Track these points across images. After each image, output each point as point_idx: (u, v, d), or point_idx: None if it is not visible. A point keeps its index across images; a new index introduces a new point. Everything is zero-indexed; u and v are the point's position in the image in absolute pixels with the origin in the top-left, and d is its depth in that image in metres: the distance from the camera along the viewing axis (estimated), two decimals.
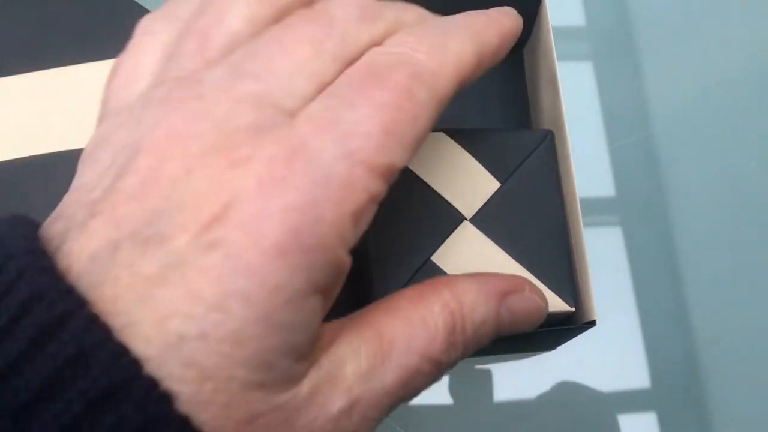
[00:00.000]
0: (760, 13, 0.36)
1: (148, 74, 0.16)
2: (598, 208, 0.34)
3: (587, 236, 0.24)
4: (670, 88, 0.36)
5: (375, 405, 0.15)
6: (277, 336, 0.13)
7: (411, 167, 0.23)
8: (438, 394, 0.31)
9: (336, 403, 0.14)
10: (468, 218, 0.23)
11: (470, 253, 0.22)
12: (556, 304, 0.22)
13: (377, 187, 0.14)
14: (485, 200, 0.23)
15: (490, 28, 0.17)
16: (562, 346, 0.30)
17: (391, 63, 0.15)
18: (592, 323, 0.22)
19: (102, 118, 0.16)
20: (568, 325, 0.23)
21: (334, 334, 0.15)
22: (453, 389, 0.31)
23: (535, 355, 0.31)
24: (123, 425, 0.12)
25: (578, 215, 0.23)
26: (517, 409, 0.31)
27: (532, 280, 0.21)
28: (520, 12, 0.27)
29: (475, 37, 0.17)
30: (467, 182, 0.23)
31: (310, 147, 0.14)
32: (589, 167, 0.34)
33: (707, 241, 0.33)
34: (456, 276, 0.18)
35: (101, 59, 0.32)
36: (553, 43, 0.26)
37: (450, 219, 0.23)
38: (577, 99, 0.35)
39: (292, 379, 0.14)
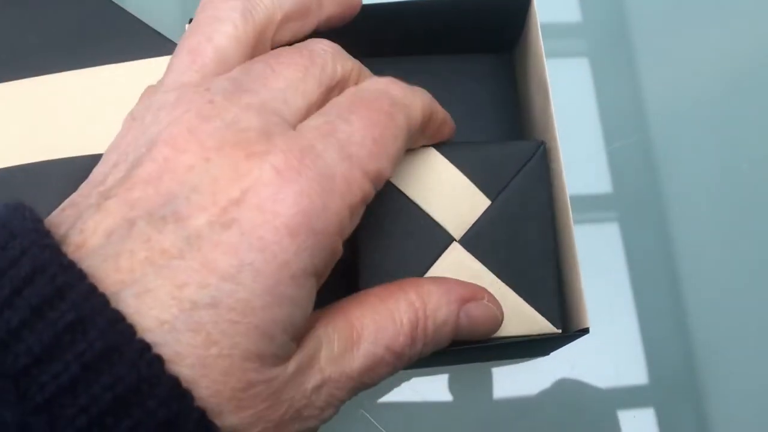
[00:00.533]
0: (756, 13, 0.36)
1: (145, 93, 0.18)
2: (595, 208, 0.34)
3: (584, 237, 0.23)
4: (666, 89, 0.36)
5: (341, 386, 0.17)
6: (280, 309, 0.15)
7: (400, 186, 0.23)
8: (438, 392, 0.31)
9: (310, 381, 0.16)
10: (457, 239, 0.23)
11: (459, 275, 0.22)
12: (543, 326, 0.22)
13: (369, 188, 0.17)
14: (475, 219, 0.23)
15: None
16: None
17: (373, 94, 0.18)
18: (585, 331, 0.22)
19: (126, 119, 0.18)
20: (561, 334, 0.23)
21: (314, 321, 0.17)
22: (452, 387, 0.31)
23: (529, 360, 0.31)
24: (118, 384, 0.13)
25: (570, 223, 0.23)
26: (517, 408, 0.31)
27: (520, 302, 0.22)
28: (509, 13, 0.27)
29: (425, 94, 0.20)
30: (457, 200, 0.23)
31: (316, 148, 0.16)
32: (585, 168, 0.34)
33: (704, 241, 0.33)
34: (422, 279, 0.20)
35: (90, 66, 0.31)
36: (542, 45, 0.25)
37: (439, 240, 0.23)
38: (573, 100, 0.35)
39: (284, 356, 0.15)
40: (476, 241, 0.22)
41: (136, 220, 0.14)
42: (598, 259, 0.33)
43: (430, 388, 0.31)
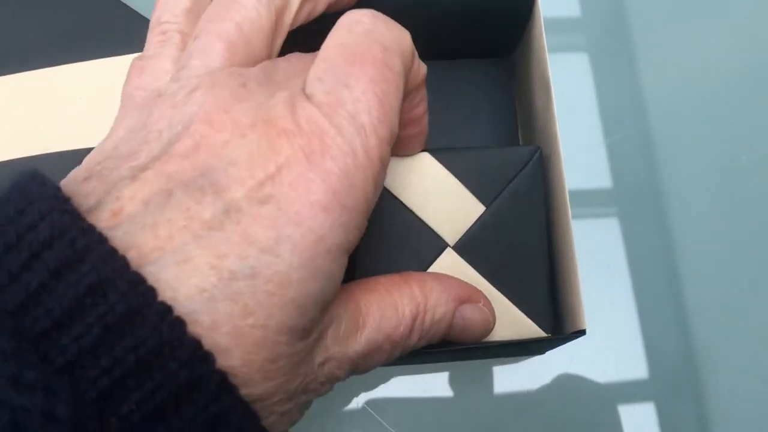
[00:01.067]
0: (755, 7, 0.36)
1: (168, 72, 0.19)
2: (593, 202, 0.34)
3: (583, 231, 0.23)
4: (665, 82, 0.35)
5: (341, 366, 0.18)
6: (315, 283, 0.15)
7: (395, 192, 0.23)
8: (439, 387, 0.31)
9: (318, 356, 0.17)
10: (451, 245, 0.23)
11: None
12: (533, 330, 0.22)
13: (386, 152, 0.17)
14: (469, 225, 0.23)
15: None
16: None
17: (363, 43, 0.17)
18: (582, 332, 0.22)
19: (129, 108, 0.18)
20: (557, 335, 0.23)
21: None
22: (454, 383, 0.32)
23: (526, 358, 0.31)
24: (140, 347, 0.13)
25: (569, 224, 0.23)
26: (517, 403, 0.31)
27: (511, 307, 0.22)
28: (510, 16, 0.27)
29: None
30: (451, 206, 0.23)
31: (334, 124, 0.16)
32: (584, 161, 0.34)
33: (703, 235, 0.33)
34: (425, 274, 0.21)
35: (91, 59, 0.31)
36: (546, 45, 0.25)
37: (433, 246, 0.23)
38: (571, 93, 0.35)
39: (311, 330, 0.16)
40: (470, 247, 0.23)
41: (173, 190, 0.15)
42: (596, 254, 0.33)
43: (432, 383, 0.31)
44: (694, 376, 0.31)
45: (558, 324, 0.24)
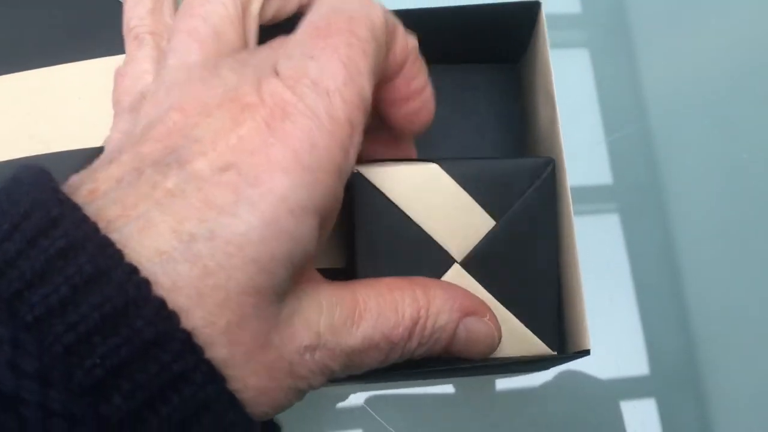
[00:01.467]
0: (756, 4, 0.36)
1: (148, 72, 0.20)
2: (595, 199, 0.34)
3: (584, 229, 0.23)
4: (666, 79, 0.35)
5: (335, 358, 0.17)
6: (278, 244, 0.15)
7: (401, 206, 0.22)
8: (440, 386, 0.32)
9: (305, 338, 0.17)
10: (458, 261, 0.22)
11: None
12: (540, 348, 0.22)
13: (355, 116, 0.17)
14: (477, 241, 0.22)
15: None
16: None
17: (327, 18, 0.18)
18: (586, 352, 0.22)
19: (119, 114, 0.20)
20: (560, 354, 0.23)
21: (320, 285, 0.18)
22: (454, 380, 0.32)
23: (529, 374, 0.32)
24: (105, 304, 0.13)
25: (574, 242, 0.23)
26: (519, 400, 0.31)
27: (518, 325, 0.22)
28: (516, 25, 0.27)
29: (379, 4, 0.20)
30: (460, 221, 0.22)
31: (297, 93, 0.16)
32: (585, 159, 0.34)
33: (705, 232, 0.33)
34: (431, 280, 0.20)
35: (89, 59, 0.31)
36: (550, 58, 0.25)
37: (440, 262, 0.22)
38: (572, 91, 0.35)
39: (281, 295, 0.16)
40: (478, 263, 0.22)
41: (144, 169, 0.15)
42: (598, 251, 0.33)
43: (431, 382, 0.31)
44: (695, 372, 0.31)
45: (562, 342, 0.23)
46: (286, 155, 0.15)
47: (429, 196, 0.22)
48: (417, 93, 0.21)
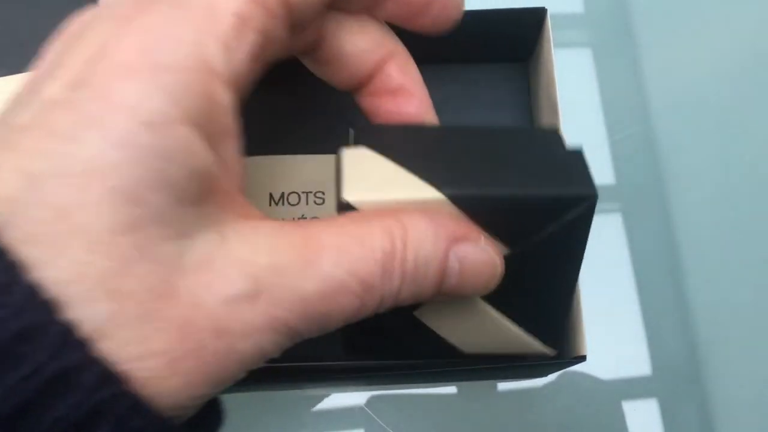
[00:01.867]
0: (758, 4, 0.36)
1: None
2: (599, 199, 0.34)
3: None
4: (669, 80, 0.35)
5: (287, 306, 0.14)
6: (140, 164, 0.12)
7: None
8: (439, 387, 0.31)
9: (236, 284, 0.13)
10: None
11: (453, 308, 0.19)
12: (538, 347, 0.20)
13: (248, 9, 0.14)
14: None
15: None
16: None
17: None
18: (582, 358, 0.22)
19: None
20: (558, 360, 0.22)
21: (258, 221, 0.14)
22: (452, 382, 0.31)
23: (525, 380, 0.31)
24: None
25: None
26: (519, 400, 0.31)
27: (516, 329, 0.19)
28: (523, 25, 0.26)
29: None
30: None
31: None
32: (588, 160, 0.34)
33: (707, 232, 0.33)
34: (407, 209, 0.16)
35: None
36: (554, 65, 0.25)
37: None
38: (575, 91, 0.35)
39: (175, 227, 0.13)
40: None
41: (5, 110, 0.14)
42: (600, 252, 0.33)
43: (433, 384, 0.31)
44: (697, 373, 0.31)
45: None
46: (132, 51, 0.13)
47: None
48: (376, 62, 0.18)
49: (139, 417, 0.12)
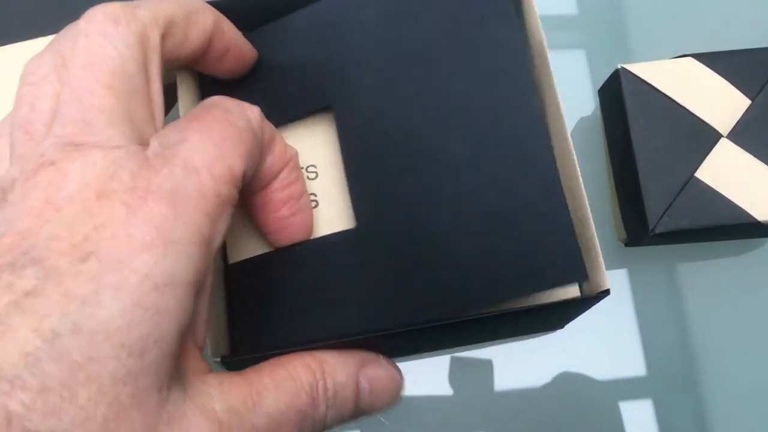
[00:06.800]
0: (755, 4, 0.36)
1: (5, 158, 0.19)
2: (594, 197, 0.34)
3: None
4: None
5: None
6: (147, 323, 0.15)
7: (668, 93, 0.28)
8: (436, 383, 0.31)
9: (205, 428, 0.16)
10: (725, 135, 0.27)
11: (731, 167, 0.27)
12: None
13: (225, 190, 0.17)
14: (739, 117, 0.27)
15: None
16: (560, 337, 0.30)
17: (205, 109, 0.19)
18: (606, 293, 0.21)
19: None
20: (583, 298, 0.21)
21: (205, 375, 0.18)
22: (451, 378, 0.31)
23: (542, 335, 0.31)
24: None
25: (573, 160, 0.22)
26: (514, 398, 0.31)
27: None
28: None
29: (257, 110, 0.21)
30: (720, 101, 0.27)
31: (162, 174, 0.16)
32: (584, 157, 0.34)
33: None
34: (317, 349, 0.20)
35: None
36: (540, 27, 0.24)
37: (708, 137, 0.27)
38: (568, 91, 0.35)
39: (163, 380, 0.15)
40: (743, 135, 0.27)
41: (0, 275, 0.15)
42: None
43: (429, 378, 0.31)
44: (692, 373, 0.32)
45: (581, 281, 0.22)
46: (149, 232, 0.15)
47: (690, 83, 0.28)
48: (293, 199, 0.22)
49: None
